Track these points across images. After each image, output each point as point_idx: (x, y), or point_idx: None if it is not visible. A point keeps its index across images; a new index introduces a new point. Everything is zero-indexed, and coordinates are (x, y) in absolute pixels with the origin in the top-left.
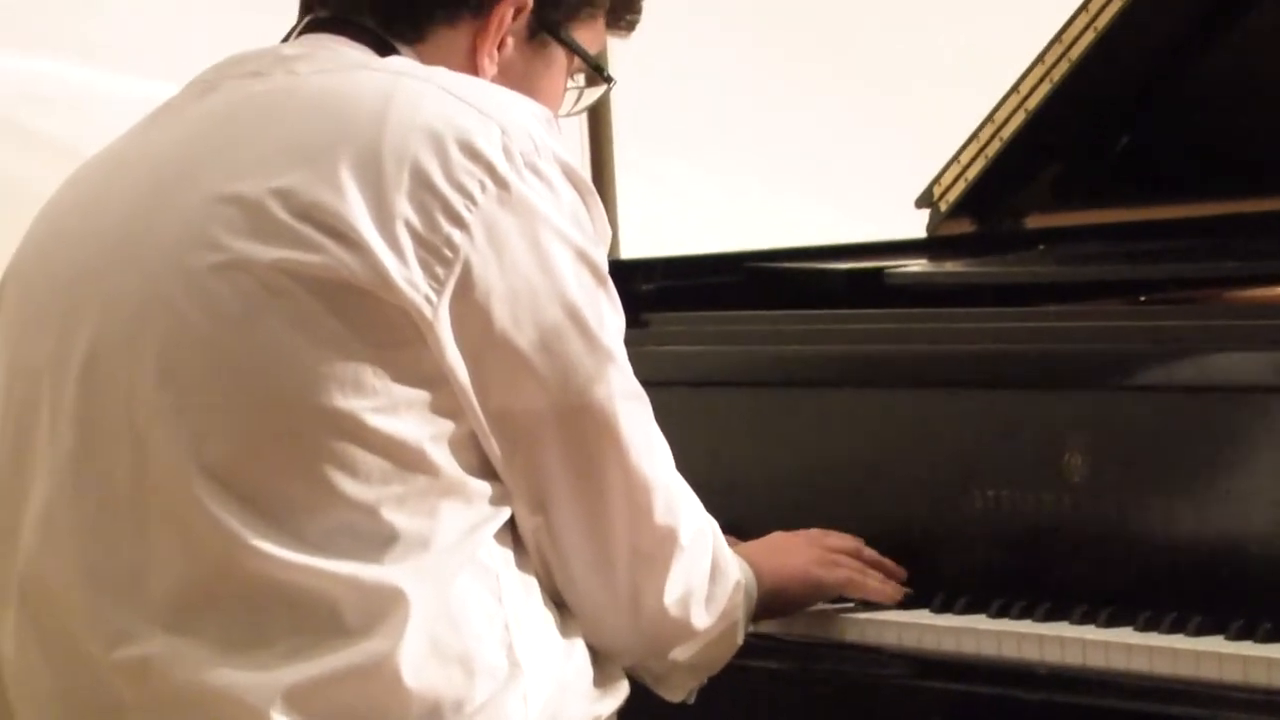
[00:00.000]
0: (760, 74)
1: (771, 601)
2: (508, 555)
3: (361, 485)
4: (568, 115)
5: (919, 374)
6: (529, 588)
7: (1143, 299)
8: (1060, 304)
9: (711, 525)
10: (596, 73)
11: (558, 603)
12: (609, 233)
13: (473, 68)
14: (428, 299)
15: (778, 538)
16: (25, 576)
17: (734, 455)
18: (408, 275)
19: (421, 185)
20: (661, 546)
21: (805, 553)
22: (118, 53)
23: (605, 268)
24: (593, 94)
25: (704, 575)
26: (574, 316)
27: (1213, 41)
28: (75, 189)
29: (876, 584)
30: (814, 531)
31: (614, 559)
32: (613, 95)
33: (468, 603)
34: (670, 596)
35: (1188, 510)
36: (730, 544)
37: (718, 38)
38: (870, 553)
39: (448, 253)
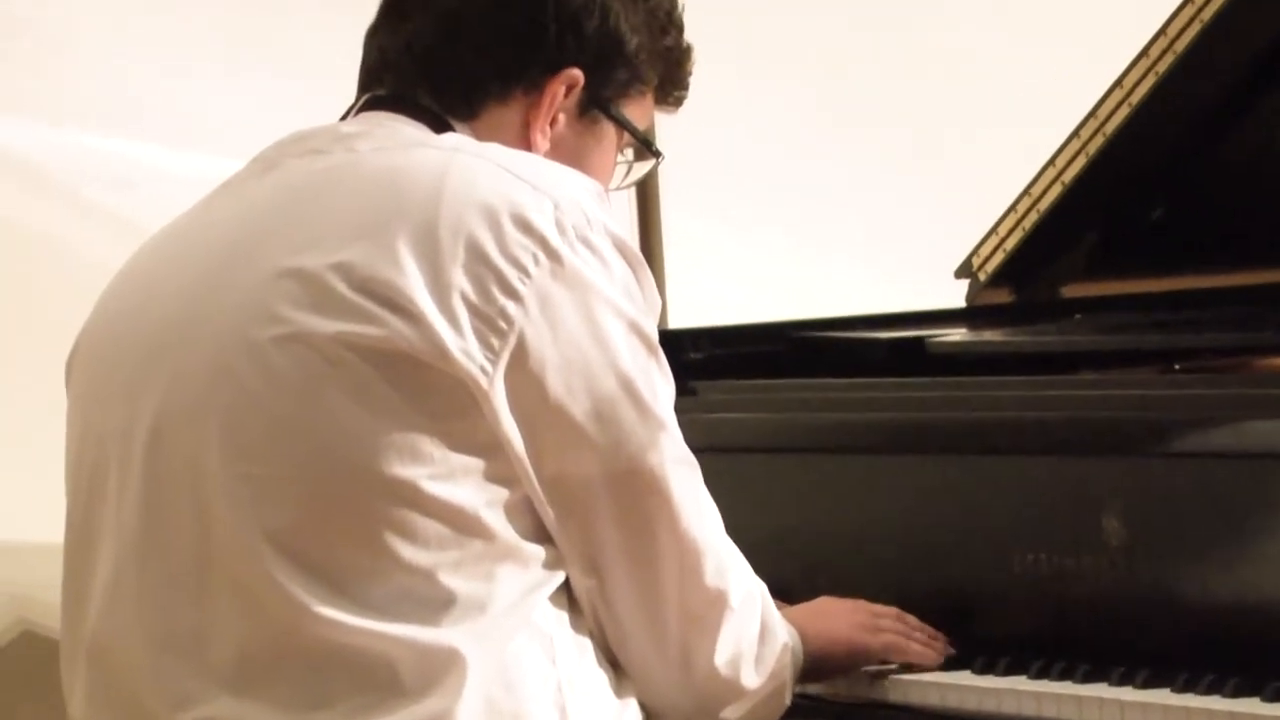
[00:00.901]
0: (804, 149)
1: (817, 664)
2: (562, 617)
3: (420, 551)
4: (617, 189)
5: (960, 440)
6: (582, 649)
7: (1177, 367)
8: (1097, 372)
9: (760, 588)
10: (645, 147)
11: (612, 663)
12: (659, 303)
13: (526, 143)
14: (483, 369)
15: (824, 602)
16: (94, 640)
17: (780, 520)
18: (464, 346)
19: (477, 259)
20: (712, 608)
21: (850, 618)
22: (180, 131)
23: (656, 337)
24: (641, 168)
25: (754, 636)
26: (626, 386)
27: (1242, 116)
28: (142, 263)
29: (919, 647)
30: (859, 601)
31: (666, 620)
32: (660, 167)
33: (522, 664)
34: (721, 657)
35: (1223, 574)
36: (778, 607)
37: (764, 111)
38: (912, 619)
39: (502, 324)
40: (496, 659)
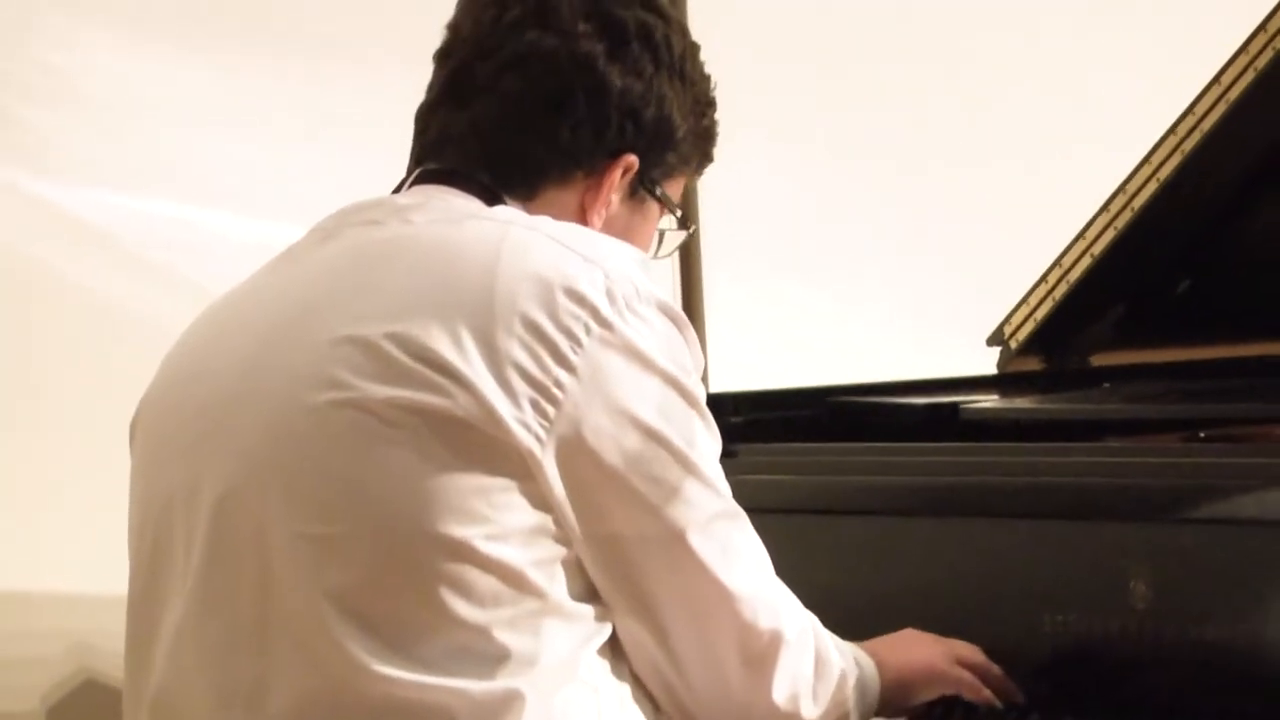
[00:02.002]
0: (840, 215)
1: (895, 691)
2: (605, 666)
3: (475, 608)
4: (656, 258)
5: (993, 504)
6: (623, 697)
7: (1202, 435)
8: (1124, 439)
9: (813, 621)
10: (680, 220)
11: (655, 706)
12: (702, 361)
13: (583, 222)
14: (537, 438)
15: (907, 633)
16: (157, 693)
17: (817, 580)
18: (519, 416)
19: (530, 330)
20: (769, 649)
21: (931, 647)
22: (244, 198)
23: (702, 395)
24: (676, 238)
25: (809, 670)
26: (673, 447)
27: (1263, 194)
28: (203, 328)
29: (989, 694)
30: (947, 639)
31: (725, 665)
32: (702, 235)
33: (570, 714)
34: (780, 695)
35: (1246, 638)
36: (863, 641)
37: (802, 180)
38: (995, 668)
39: (557, 393)
40: (545, 710)
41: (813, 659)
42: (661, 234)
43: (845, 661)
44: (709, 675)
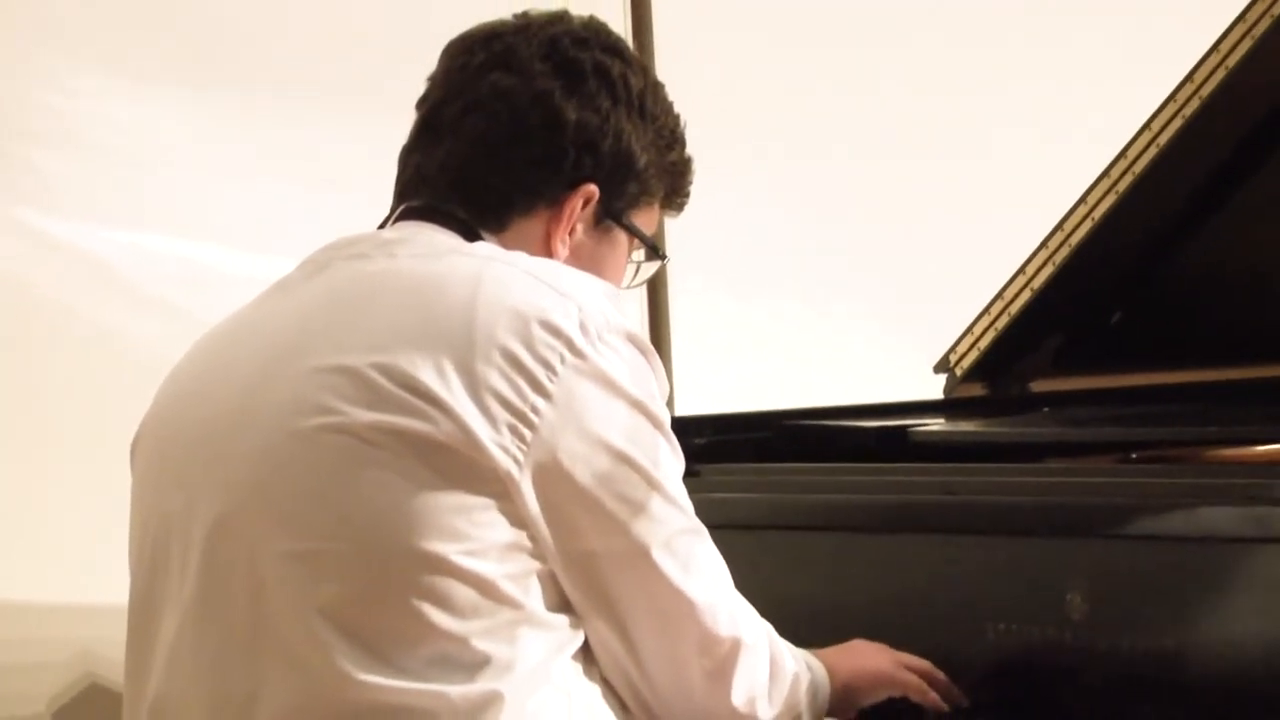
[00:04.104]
0: (800, 254)
1: (844, 694)
2: (577, 671)
3: (454, 619)
4: (629, 287)
5: (938, 521)
6: (593, 697)
7: (1134, 456)
8: (1062, 460)
9: (767, 629)
10: (653, 251)
11: (624, 708)
12: (667, 387)
13: (547, 251)
14: (515, 460)
15: (857, 642)
16: (155, 700)
17: (774, 591)
18: (498, 440)
19: (508, 360)
20: (729, 657)
21: (879, 654)
22: (235, 234)
23: (667, 419)
24: (649, 268)
25: (765, 675)
26: (640, 468)
27: (1193, 231)
28: (202, 354)
29: (936, 696)
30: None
31: (688, 670)
32: (670, 269)
33: (542, 716)
34: (739, 698)
35: (1175, 645)
36: (815, 650)
37: (767, 208)
38: (940, 674)
39: (534, 418)
40: (520, 712)
41: (768, 664)
42: (637, 265)
43: (798, 666)
44: (672, 679)
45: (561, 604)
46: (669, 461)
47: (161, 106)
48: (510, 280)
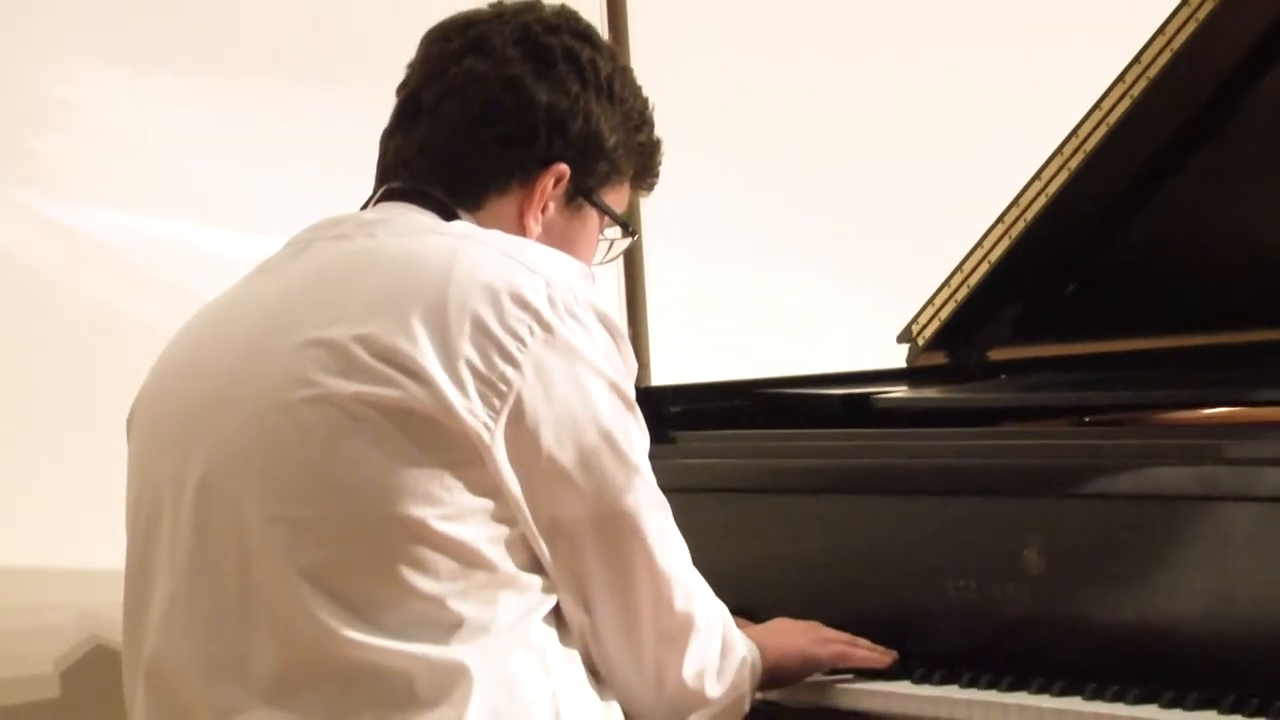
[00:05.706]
0: (766, 233)
1: (774, 673)
2: (553, 634)
3: (431, 581)
4: (602, 263)
5: (901, 483)
6: (571, 660)
7: (1087, 420)
8: (1018, 424)
9: (721, 609)
10: (623, 228)
11: (594, 672)
12: (635, 367)
13: (521, 229)
14: (486, 426)
15: (780, 622)
16: (151, 661)
17: (746, 550)
18: (469, 406)
19: (480, 331)
20: (681, 630)
21: (803, 634)
22: (230, 217)
23: (633, 396)
24: (621, 245)
25: (716, 653)
26: (608, 438)
27: (1141, 206)
28: (194, 331)
29: (865, 653)
30: (811, 622)
31: (642, 641)
32: (646, 245)
33: (521, 676)
34: (688, 671)
35: (1126, 598)
36: (740, 625)
37: (738, 183)
38: (861, 640)
39: (503, 387)
40: (499, 672)
41: (720, 642)
42: (610, 242)
43: (746, 649)
44: (626, 649)
45: (535, 566)
46: (636, 435)
47: (162, 92)
48: (483, 257)
